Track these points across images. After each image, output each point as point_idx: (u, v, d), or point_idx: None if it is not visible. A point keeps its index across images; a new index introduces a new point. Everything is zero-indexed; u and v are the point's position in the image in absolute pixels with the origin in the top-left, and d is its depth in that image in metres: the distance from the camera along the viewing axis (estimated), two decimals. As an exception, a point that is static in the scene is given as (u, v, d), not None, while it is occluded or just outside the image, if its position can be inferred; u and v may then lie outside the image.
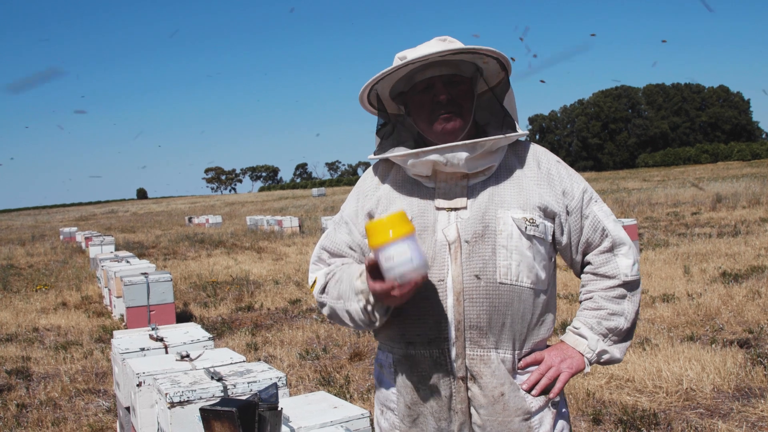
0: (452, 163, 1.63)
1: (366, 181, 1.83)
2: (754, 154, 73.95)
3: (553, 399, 1.69)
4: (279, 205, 48.26)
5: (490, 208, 1.65)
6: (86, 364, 6.37)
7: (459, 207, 1.66)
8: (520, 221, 1.64)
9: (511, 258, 1.62)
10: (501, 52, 1.65)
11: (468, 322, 1.62)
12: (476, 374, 1.63)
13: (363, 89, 1.71)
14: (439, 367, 1.64)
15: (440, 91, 1.67)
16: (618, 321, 1.72)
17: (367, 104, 1.77)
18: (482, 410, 1.64)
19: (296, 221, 22.99)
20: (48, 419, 4.84)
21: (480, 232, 1.63)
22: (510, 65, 1.69)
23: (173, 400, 2.64)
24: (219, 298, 9.79)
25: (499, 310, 1.62)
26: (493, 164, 1.69)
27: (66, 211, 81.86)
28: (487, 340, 1.63)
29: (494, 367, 1.63)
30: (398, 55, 1.71)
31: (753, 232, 12.81)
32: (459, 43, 1.70)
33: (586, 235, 1.73)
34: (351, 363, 5.83)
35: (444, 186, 1.69)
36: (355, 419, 2.41)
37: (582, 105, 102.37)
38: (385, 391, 1.75)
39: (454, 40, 1.71)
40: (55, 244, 24.21)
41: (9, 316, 9.21)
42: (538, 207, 1.67)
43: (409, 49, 1.71)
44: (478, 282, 1.61)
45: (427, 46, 1.68)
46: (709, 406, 4.24)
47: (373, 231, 1.50)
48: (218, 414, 1.76)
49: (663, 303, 7.15)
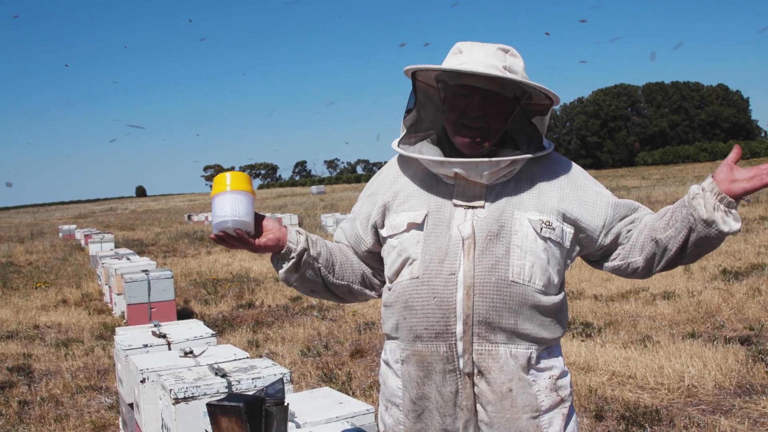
0: (474, 176, 1.64)
1: (384, 173, 1.83)
2: (753, 153, 73.89)
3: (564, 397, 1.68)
4: (278, 203, 48.22)
5: (507, 208, 1.65)
6: (87, 361, 6.37)
7: (477, 206, 1.66)
8: (536, 223, 1.64)
9: (525, 258, 1.62)
10: (553, 91, 1.62)
11: (477, 316, 1.61)
12: (484, 369, 1.62)
13: (409, 68, 1.68)
14: (445, 362, 1.64)
15: (475, 105, 1.63)
16: None
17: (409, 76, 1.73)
18: (489, 407, 1.63)
19: (296, 219, 23.02)
20: (50, 416, 4.84)
21: (495, 231, 1.63)
22: (558, 101, 1.67)
23: (177, 396, 2.64)
24: (219, 295, 9.79)
25: (510, 307, 1.62)
26: (514, 168, 1.68)
27: (65, 209, 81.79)
28: (496, 336, 1.62)
29: (502, 362, 1.62)
30: (458, 45, 1.68)
31: (753, 229, 12.83)
32: (519, 61, 1.66)
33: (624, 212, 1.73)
34: (353, 360, 5.83)
35: (463, 185, 1.68)
36: (360, 415, 2.41)
37: (581, 103, 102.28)
38: (390, 386, 1.75)
39: (516, 54, 1.66)
40: (55, 242, 24.19)
41: (9, 314, 9.20)
42: (557, 211, 1.66)
43: (469, 43, 1.67)
44: (489, 277, 1.61)
45: (485, 54, 1.62)
46: (711, 403, 4.25)
47: (214, 183, 1.69)
48: (225, 409, 1.75)
49: (664, 300, 7.16)
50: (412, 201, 1.71)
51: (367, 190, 1.84)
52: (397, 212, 1.72)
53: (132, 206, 71.98)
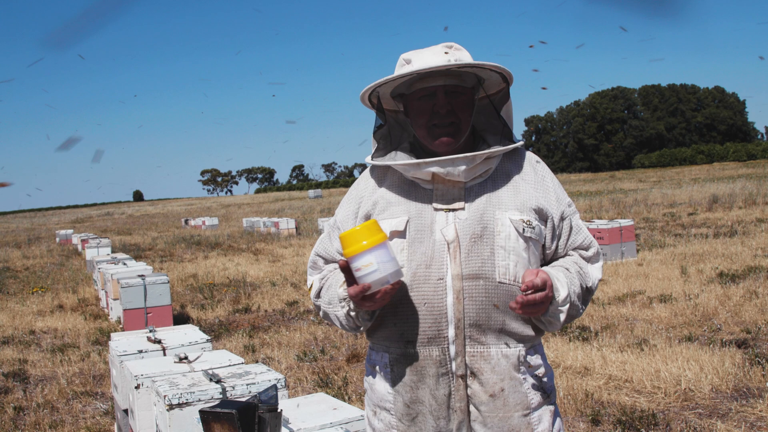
0: (452, 174, 1.66)
1: (361, 184, 1.84)
2: (750, 155, 74.15)
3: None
4: (275, 207, 48.23)
5: (488, 209, 1.68)
6: (83, 366, 6.35)
7: (457, 208, 1.68)
8: (517, 222, 1.67)
9: (509, 258, 1.65)
10: (505, 67, 1.67)
11: (468, 320, 1.64)
12: (476, 371, 1.65)
13: (365, 90, 1.72)
14: (438, 365, 1.65)
15: (441, 102, 1.68)
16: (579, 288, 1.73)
17: (367, 102, 1.79)
18: (483, 407, 1.65)
19: (293, 223, 22.97)
20: (45, 422, 4.82)
21: (479, 233, 1.65)
22: (512, 78, 1.71)
23: (172, 402, 2.63)
24: (216, 300, 9.77)
25: (498, 308, 1.65)
26: (490, 167, 1.72)
27: (62, 214, 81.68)
28: (487, 337, 1.65)
29: (494, 362, 1.65)
30: (403, 57, 1.71)
31: (749, 232, 12.85)
32: (465, 52, 1.71)
33: (574, 239, 1.78)
34: (349, 364, 5.82)
35: (442, 188, 1.71)
36: (354, 420, 2.41)
37: (578, 106, 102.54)
38: (379, 391, 1.75)
39: (460, 47, 1.72)
40: (52, 247, 24.15)
41: (5, 319, 9.18)
42: (533, 209, 1.70)
43: (413, 52, 1.71)
44: (477, 281, 1.64)
45: (432, 54, 1.68)
46: (708, 407, 4.25)
47: (345, 241, 1.57)
48: (218, 416, 1.75)
49: (660, 304, 7.16)
50: (392, 209, 1.72)
51: (345, 203, 1.84)
52: (384, 219, 1.72)
53: (129, 211, 71.94)
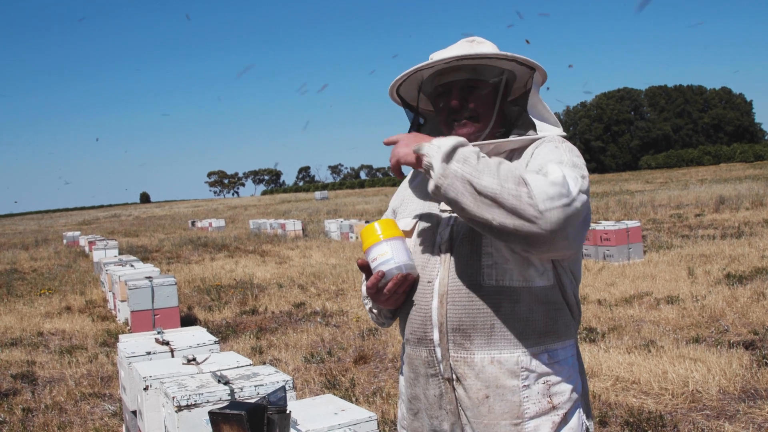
0: None
1: (404, 180, 1.89)
2: (757, 156, 73.82)
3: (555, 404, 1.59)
4: (282, 209, 48.30)
5: None
6: (91, 368, 6.38)
7: None
8: None
9: (494, 259, 1.56)
10: (519, 55, 1.62)
11: (450, 324, 1.59)
12: (460, 376, 1.59)
13: (390, 87, 1.76)
14: (427, 366, 1.65)
15: (453, 97, 1.68)
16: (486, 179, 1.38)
17: (396, 98, 1.81)
18: (468, 411, 1.60)
19: (299, 225, 23.01)
20: (54, 423, 4.84)
21: (468, 234, 1.60)
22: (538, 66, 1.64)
23: (180, 403, 2.64)
24: (223, 301, 9.79)
25: (483, 312, 1.56)
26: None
27: (69, 215, 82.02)
28: (471, 343, 1.57)
29: (478, 369, 1.57)
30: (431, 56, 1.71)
31: (757, 233, 12.79)
32: (486, 45, 1.69)
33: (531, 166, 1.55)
34: (356, 366, 5.83)
35: None
36: (362, 422, 2.41)
37: (585, 107, 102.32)
38: (400, 382, 1.81)
39: (483, 40, 1.70)
40: (59, 249, 24.26)
41: (13, 321, 9.22)
42: None
43: (439, 51, 1.71)
44: (461, 285, 1.58)
45: (450, 49, 1.69)
46: (716, 408, 4.23)
47: (363, 236, 1.64)
48: (227, 417, 1.76)
49: (668, 305, 7.14)
50: (408, 208, 1.77)
51: (392, 198, 1.93)
52: (399, 219, 1.78)
53: (136, 212, 72.16)
